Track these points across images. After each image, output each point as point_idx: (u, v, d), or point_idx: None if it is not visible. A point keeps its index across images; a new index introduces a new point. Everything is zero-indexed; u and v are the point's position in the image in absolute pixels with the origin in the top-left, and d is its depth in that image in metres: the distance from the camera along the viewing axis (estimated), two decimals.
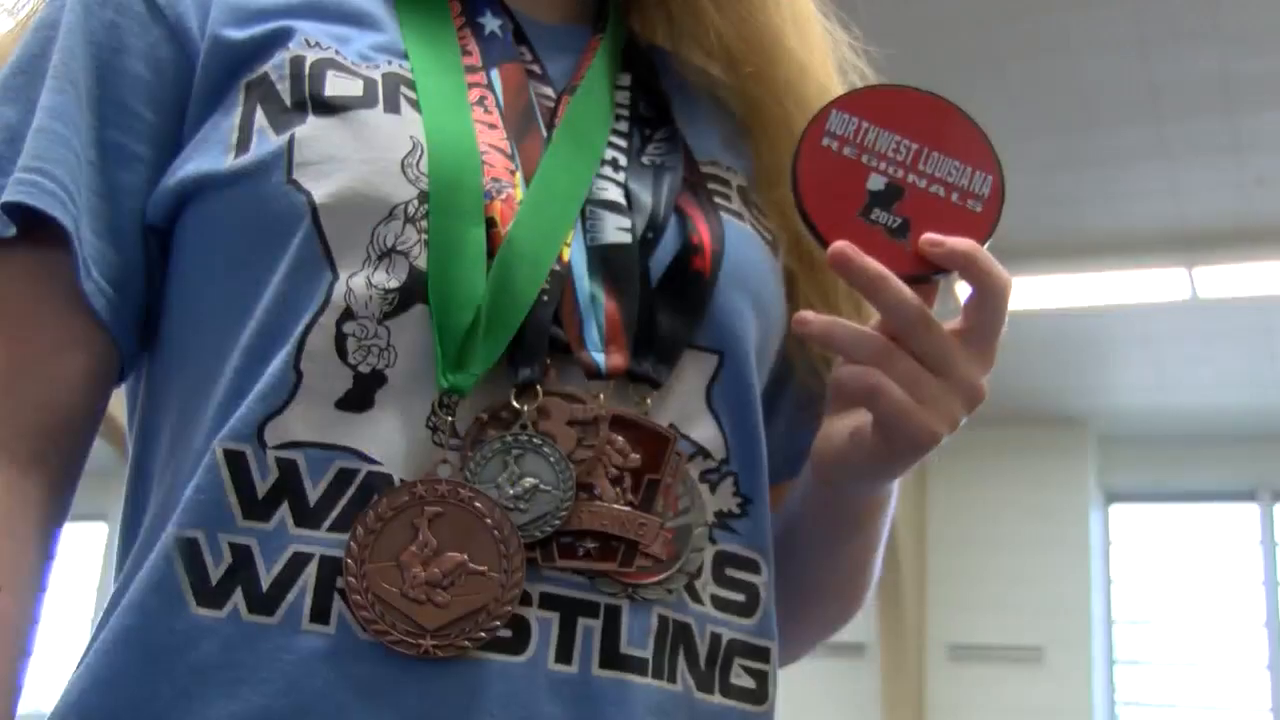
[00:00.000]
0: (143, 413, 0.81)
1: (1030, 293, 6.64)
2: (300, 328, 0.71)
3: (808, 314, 0.75)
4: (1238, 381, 7.74)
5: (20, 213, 0.73)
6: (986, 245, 0.76)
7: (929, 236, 0.74)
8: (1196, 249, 6.20)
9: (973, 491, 8.32)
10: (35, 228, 0.74)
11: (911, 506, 8.40)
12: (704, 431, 0.79)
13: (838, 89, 0.90)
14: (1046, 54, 4.91)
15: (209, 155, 0.76)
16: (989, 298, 0.74)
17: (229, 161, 0.75)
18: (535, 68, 0.86)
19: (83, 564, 9.19)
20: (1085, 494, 8.59)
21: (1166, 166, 5.63)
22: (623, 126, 0.85)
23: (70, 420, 0.75)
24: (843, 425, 0.78)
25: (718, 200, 0.85)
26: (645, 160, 0.85)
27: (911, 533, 8.42)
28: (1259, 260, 6.20)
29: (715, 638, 0.77)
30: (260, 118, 0.76)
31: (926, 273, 0.75)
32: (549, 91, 0.85)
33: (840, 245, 0.73)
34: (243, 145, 0.75)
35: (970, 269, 0.74)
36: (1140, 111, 5.26)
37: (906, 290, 0.73)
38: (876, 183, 0.76)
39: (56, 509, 0.75)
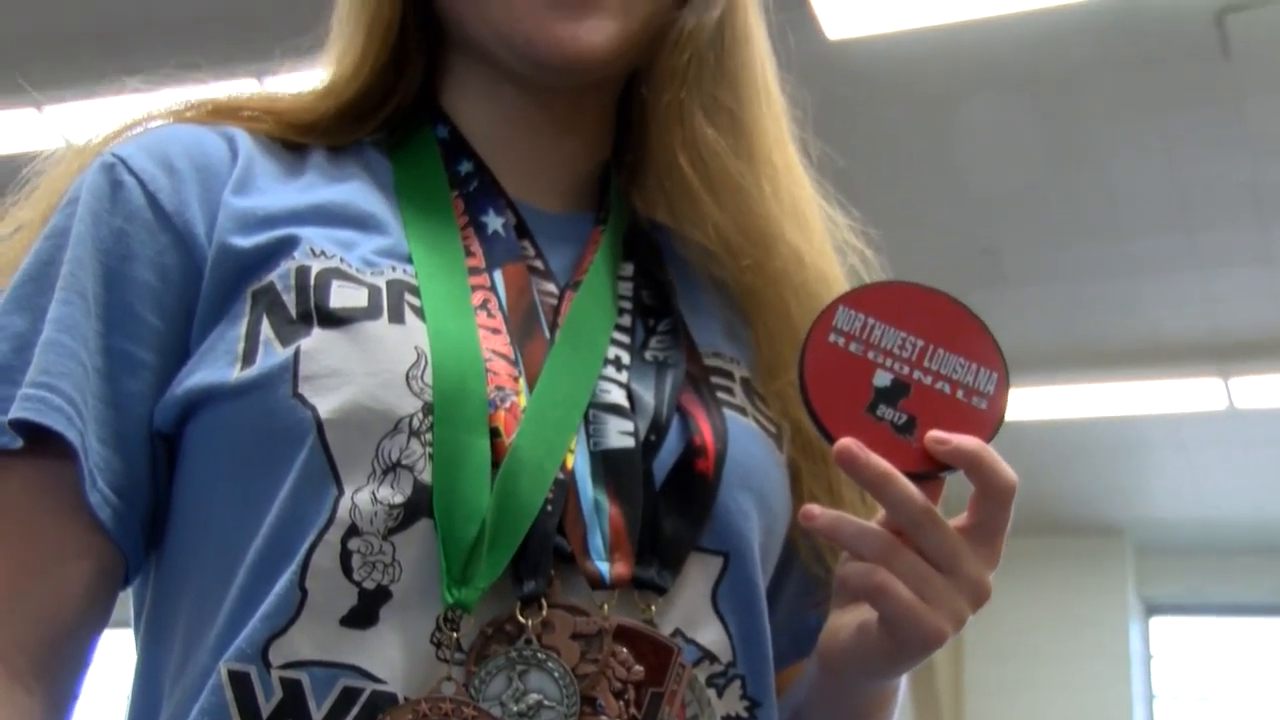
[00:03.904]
0: (150, 618, 0.81)
1: (1064, 401, 6.60)
2: (305, 545, 0.72)
3: (814, 508, 0.75)
4: (1277, 492, 7.64)
5: (27, 427, 0.74)
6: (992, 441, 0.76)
7: (934, 434, 0.74)
8: (1232, 358, 6.17)
9: (1009, 601, 8.15)
10: (42, 439, 0.74)
11: None
12: (710, 635, 0.79)
13: (838, 275, 0.91)
14: (1076, 162, 4.93)
15: (216, 366, 0.76)
16: (994, 497, 0.75)
17: (235, 373, 0.75)
18: (538, 263, 0.86)
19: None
20: (1124, 605, 8.46)
21: (1198, 275, 5.62)
22: (625, 321, 0.86)
23: (74, 631, 0.76)
24: (849, 620, 0.78)
25: (721, 395, 0.86)
26: (648, 356, 0.85)
27: (947, 644, 8.27)
28: None
29: None
30: (266, 328, 0.77)
31: (932, 470, 0.75)
32: (552, 288, 0.85)
33: (846, 443, 0.73)
34: (249, 357, 0.76)
35: (975, 468, 0.74)
36: (1170, 220, 5.26)
37: (912, 488, 0.73)
38: (883, 379, 0.76)
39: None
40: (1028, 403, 6.58)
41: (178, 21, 4.29)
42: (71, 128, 4.83)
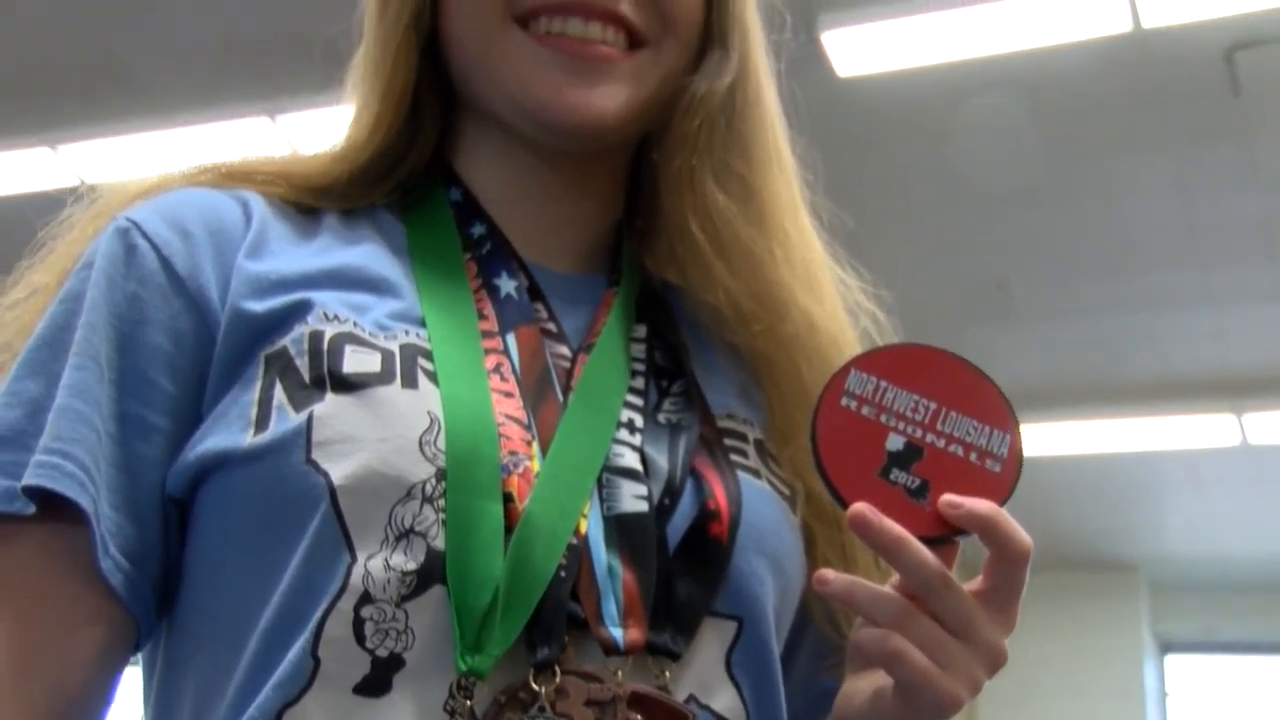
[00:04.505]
0: (160, 683, 0.81)
1: (1077, 437, 6.59)
2: (318, 613, 0.72)
3: (828, 573, 0.75)
4: None
5: (40, 493, 0.74)
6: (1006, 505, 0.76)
7: (948, 498, 0.74)
8: (1245, 395, 6.16)
9: (1023, 638, 8.07)
10: (55, 505, 0.74)
11: None
12: (724, 701, 0.79)
13: (850, 338, 0.91)
14: (1087, 198, 4.93)
15: (229, 431, 0.77)
16: (1009, 561, 0.74)
17: (248, 439, 0.76)
18: (551, 325, 0.86)
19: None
20: (1139, 643, 8.41)
21: (1210, 311, 5.61)
22: (639, 383, 0.86)
23: (85, 697, 0.76)
24: (864, 685, 0.78)
25: (734, 457, 0.86)
26: (661, 419, 0.85)
27: None
28: None
29: None
30: (279, 394, 0.77)
31: (946, 534, 0.75)
32: (565, 351, 0.85)
33: (859, 507, 0.73)
34: (262, 422, 0.76)
35: (989, 532, 0.74)
36: (1182, 256, 5.26)
37: (926, 552, 0.73)
38: (895, 443, 0.76)
39: None
40: (1040, 439, 6.56)
41: (191, 60, 4.32)
42: (85, 166, 4.86)
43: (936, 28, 3.97)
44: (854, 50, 4.10)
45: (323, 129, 0.93)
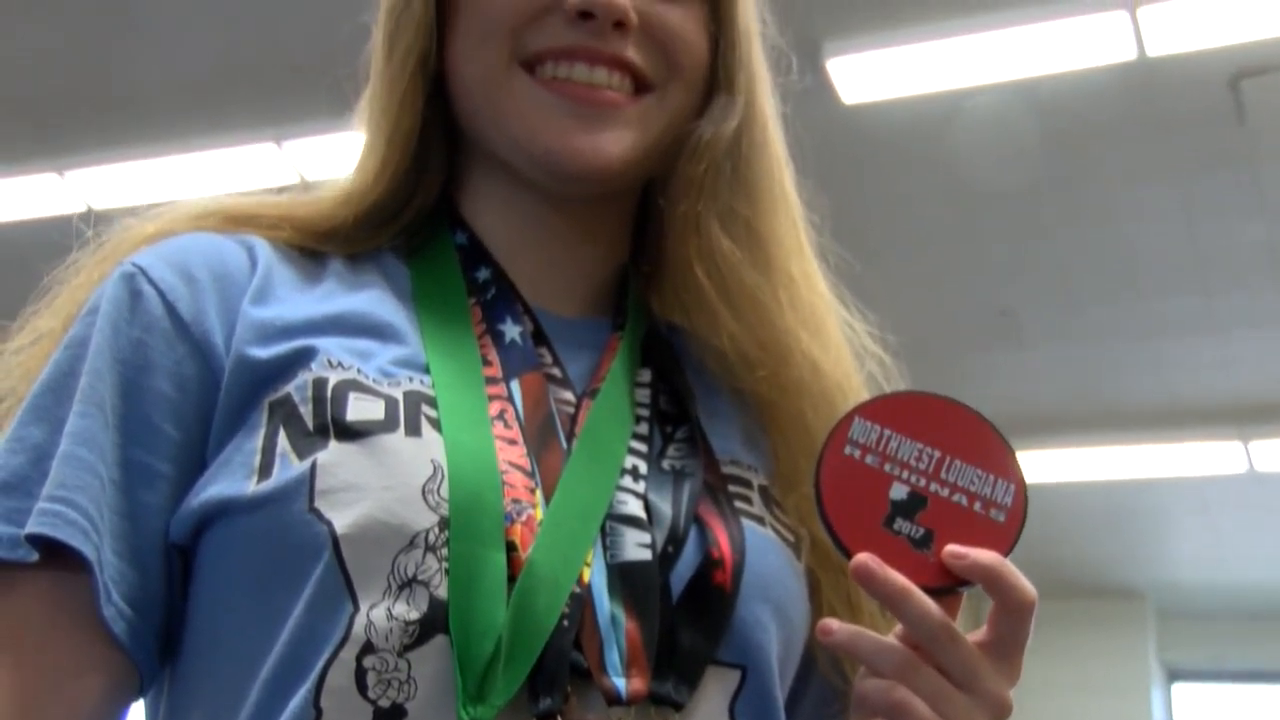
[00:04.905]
0: None
1: (1083, 463, 6.57)
2: (320, 663, 0.71)
3: (831, 623, 0.75)
4: None
5: (43, 541, 0.74)
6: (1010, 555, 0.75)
7: (952, 549, 0.74)
8: (1251, 422, 6.14)
9: (1029, 666, 8.05)
10: (58, 553, 0.74)
11: None
12: None
13: (856, 384, 0.91)
14: (1093, 224, 4.93)
15: (232, 479, 0.76)
16: (1013, 612, 0.74)
17: (252, 487, 0.75)
18: (555, 370, 0.86)
19: None
20: (1146, 671, 8.36)
21: (1217, 338, 5.61)
22: (643, 429, 0.86)
23: None
24: None
25: (738, 503, 0.85)
26: (665, 465, 0.85)
27: None
28: None
29: None
30: (283, 441, 0.77)
31: (950, 585, 0.74)
32: (569, 396, 0.85)
33: (863, 558, 0.73)
34: (265, 470, 0.76)
35: (993, 583, 0.73)
36: (1188, 282, 5.26)
37: (930, 604, 0.72)
38: (899, 492, 0.76)
39: None
40: (1047, 465, 6.55)
41: (197, 87, 4.34)
42: (93, 192, 4.87)
43: (941, 55, 3.98)
44: (859, 77, 4.11)
45: (329, 156, 0.93)
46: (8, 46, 4.19)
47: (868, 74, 4.09)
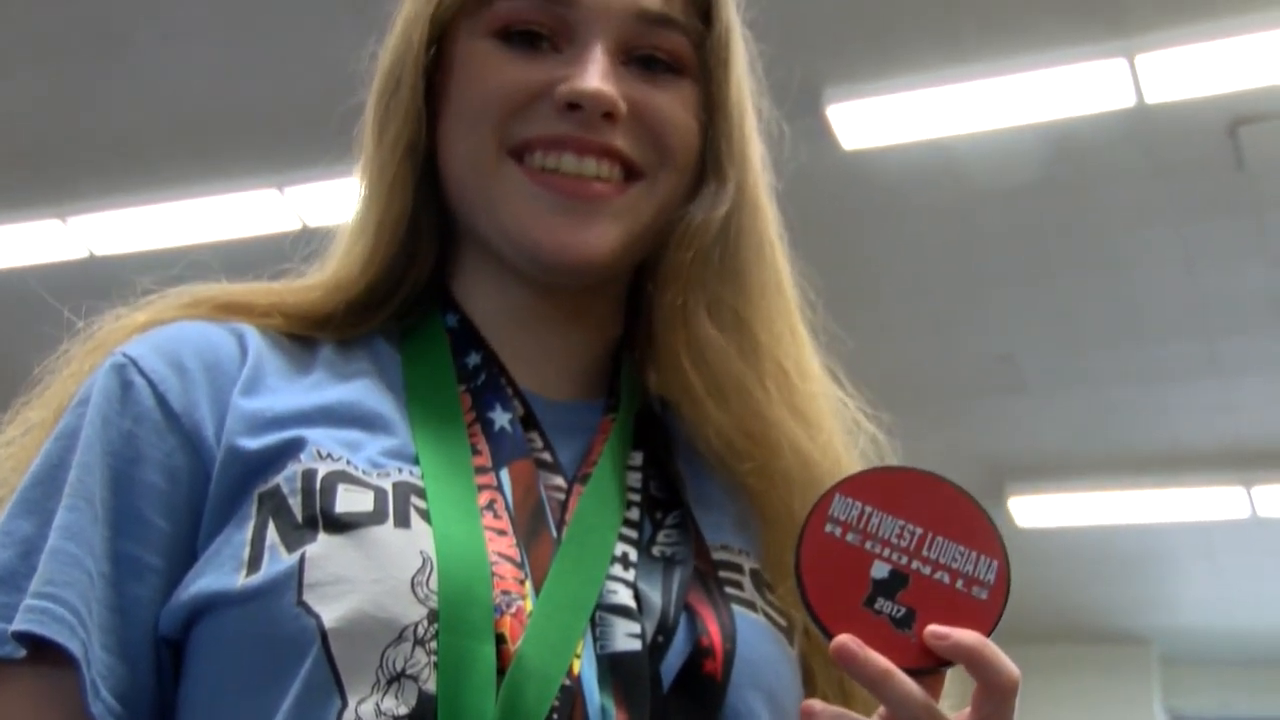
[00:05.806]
0: None
1: (1086, 508, 6.55)
2: None
3: (814, 704, 0.74)
4: None
5: (30, 638, 0.74)
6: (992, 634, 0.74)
7: (934, 629, 0.73)
8: (1254, 467, 6.13)
9: (1034, 712, 8.03)
10: (46, 648, 0.74)
11: None
12: None
13: (847, 466, 0.90)
14: (1095, 270, 4.94)
15: (221, 572, 0.76)
16: (996, 693, 0.73)
17: (241, 580, 0.75)
18: (546, 455, 0.86)
19: None
20: (1151, 717, 8.30)
21: (1219, 384, 5.60)
22: (634, 515, 0.85)
23: None
24: None
25: (729, 590, 0.85)
26: (655, 552, 0.84)
27: None
28: None
29: None
30: (272, 533, 0.76)
31: (932, 665, 0.74)
32: (560, 482, 0.85)
33: (843, 640, 0.72)
34: (254, 563, 0.75)
35: (976, 664, 0.72)
36: (1190, 328, 5.26)
37: (912, 685, 0.72)
38: (880, 570, 0.75)
39: None
40: (1050, 510, 6.53)
41: (199, 133, 4.35)
42: (95, 238, 4.88)
43: (941, 101, 4.00)
44: (859, 123, 4.12)
45: (331, 201, 0.93)
46: (9, 92, 4.20)
47: (868, 120, 4.11)
